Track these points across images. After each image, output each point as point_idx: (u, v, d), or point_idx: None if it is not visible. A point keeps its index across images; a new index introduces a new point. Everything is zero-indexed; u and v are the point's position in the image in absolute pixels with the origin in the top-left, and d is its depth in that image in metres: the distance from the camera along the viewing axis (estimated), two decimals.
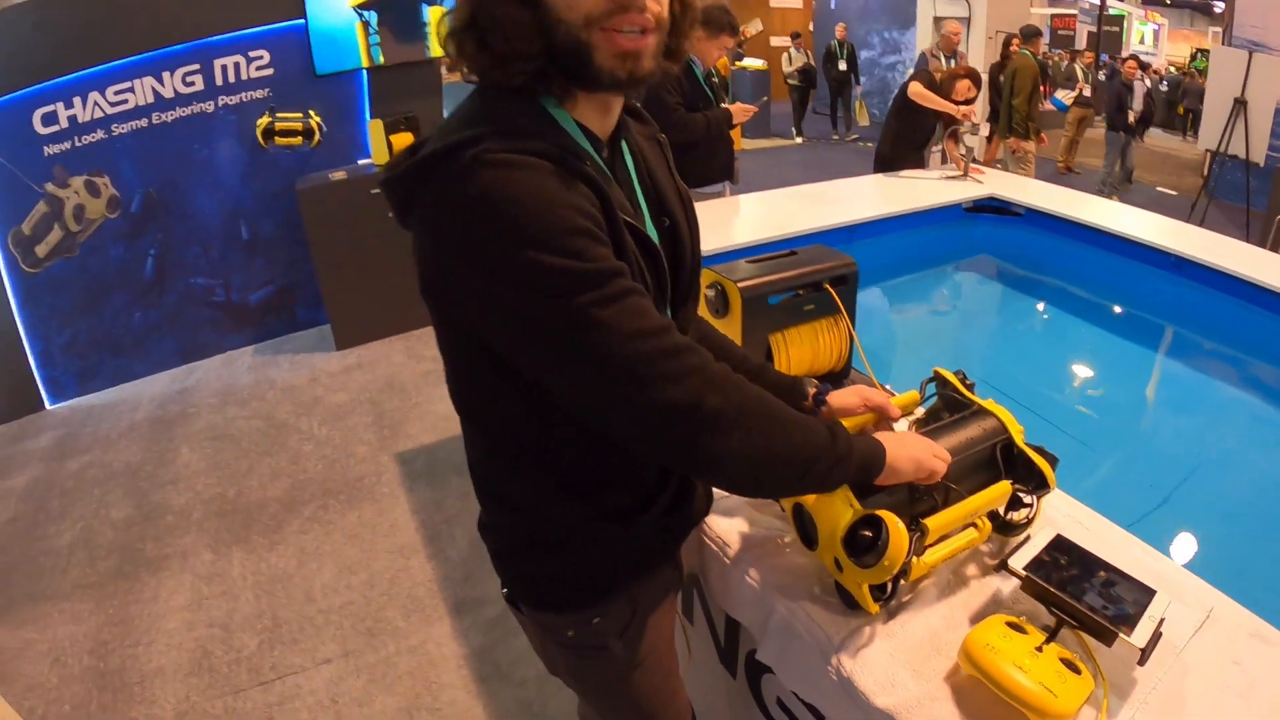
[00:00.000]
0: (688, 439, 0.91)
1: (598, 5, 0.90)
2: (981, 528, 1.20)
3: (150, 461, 3.91)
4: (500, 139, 0.88)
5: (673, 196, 1.16)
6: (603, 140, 1.04)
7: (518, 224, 0.85)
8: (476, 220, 0.86)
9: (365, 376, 4.61)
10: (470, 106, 0.97)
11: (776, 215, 3.80)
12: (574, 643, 1.21)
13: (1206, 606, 1.18)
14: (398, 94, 5.18)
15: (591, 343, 0.87)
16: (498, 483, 1.16)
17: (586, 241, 0.88)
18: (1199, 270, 3.21)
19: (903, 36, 12.47)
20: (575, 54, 0.92)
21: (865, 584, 1.10)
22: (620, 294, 0.88)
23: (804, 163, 10.66)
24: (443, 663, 2.56)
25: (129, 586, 3.03)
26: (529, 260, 0.84)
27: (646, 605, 1.23)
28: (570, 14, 0.90)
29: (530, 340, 0.90)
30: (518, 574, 1.20)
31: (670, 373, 0.89)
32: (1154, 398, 3.08)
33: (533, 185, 0.86)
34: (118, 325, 4.78)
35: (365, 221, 4.75)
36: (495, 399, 1.05)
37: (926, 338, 3.59)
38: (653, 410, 0.90)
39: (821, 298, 1.81)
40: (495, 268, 0.86)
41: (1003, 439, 1.28)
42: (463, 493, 3.41)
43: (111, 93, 4.43)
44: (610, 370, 0.88)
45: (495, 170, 0.86)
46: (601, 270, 0.88)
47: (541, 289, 0.86)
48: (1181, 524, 2.09)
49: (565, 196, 0.88)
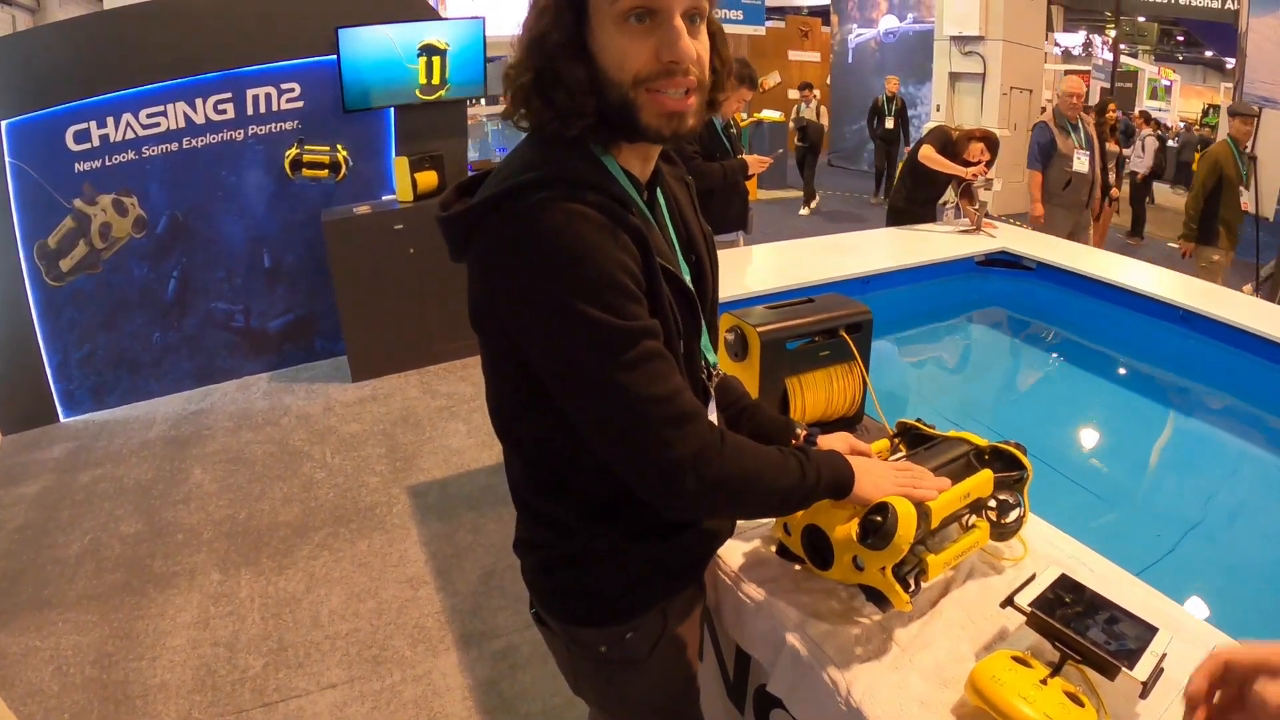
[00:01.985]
0: (673, 496, 1.01)
1: (645, 68, 0.99)
2: (980, 528, 1.29)
3: (162, 480, 3.94)
4: (563, 186, 0.96)
5: (698, 234, 1.24)
6: (643, 184, 1.13)
7: (570, 271, 0.94)
8: (535, 258, 0.95)
9: (380, 409, 4.64)
10: (530, 153, 1.05)
11: (790, 265, 3.85)
12: (606, 658, 1.25)
13: (1208, 645, 1.19)
14: (424, 132, 5.28)
15: (608, 397, 0.97)
16: (533, 501, 1.21)
17: (625, 300, 0.97)
18: (1207, 324, 3.25)
19: (919, 91, 12.62)
20: (623, 110, 1.01)
21: (888, 569, 1.15)
22: (645, 357, 0.98)
23: (820, 215, 10.73)
24: (448, 693, 2.56)
25: (135, 601, 3.06)
26: (574, 308, 0.94)
27: (676, 620, 1.27)
28: (620, 74, 0.99)
29: (558, 376, 1.01)
30: (552, 589, 1.24)
31: (670, 439, 0.98)
32: (1163, 450, 3.10)
33: (588, 236, 0.95)
34: (136, 344, 4.85)
35: (387, 256, 4.83)
36: (530, 422, 1.13)
37: (938, 387, 3.62)
38: (647, 467, 1.00)
39: (837, 344, 1.86)
40: (542, 306, 0.96)
41: (971, 449, 1.40)
42: (474, 527, 3.43)
43: (144, 115, 4.53)
44: (618, 425, 0.99)
45: (558, 216, 0.94)
46: (633, 330, 0.97)
47: (578, 336, 0.95)
48: (1187, 574, 2.11)
49: (614, 251, 0.97)
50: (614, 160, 1.08)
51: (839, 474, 1.15)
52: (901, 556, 1.14)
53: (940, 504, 1.19)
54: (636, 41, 0.98)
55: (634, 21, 0.97)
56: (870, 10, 13.97)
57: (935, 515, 1.18)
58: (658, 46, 0.98)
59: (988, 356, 4.12)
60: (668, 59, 0.98)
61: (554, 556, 1.22)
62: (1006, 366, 3.98)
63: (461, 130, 5.55)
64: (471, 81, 5.28)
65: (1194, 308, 3.31)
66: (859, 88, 13.91)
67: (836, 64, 15.04)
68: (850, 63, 14.57)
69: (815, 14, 16.33)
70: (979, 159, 4.54)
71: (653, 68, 0.99)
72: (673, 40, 0.98)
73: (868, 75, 13.79)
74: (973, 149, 4.55)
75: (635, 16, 0.97)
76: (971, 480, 1.27)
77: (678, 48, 0.98)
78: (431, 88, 5.07)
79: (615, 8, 0.97)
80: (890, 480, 1.19)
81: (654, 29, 0.98)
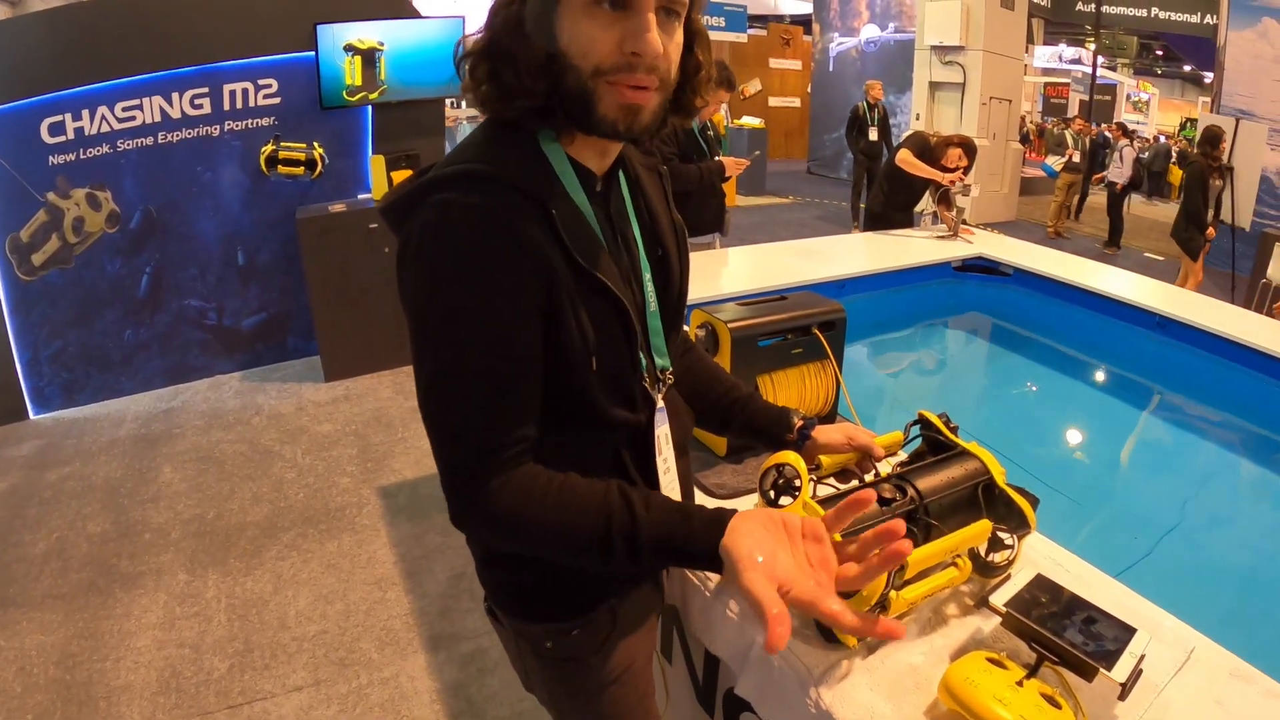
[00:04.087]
0: (459, 521, 1.01)
1: (608, 58, 0.93)
2: (962, 567, 1.20)
3: (131, 478, 3.88)
4: (468, 184, 0.95)
5: (666, 227, 1.19)
6: (598, 176, 1.08)
7: (454, 286, 0.93)
8: (427, 263, 0.94)
9: (352, 409, 4.60)
10: (471, 138, 1.03)
11: (766, 268, 3.84)
12: (551, 654, 1.21)
13: (1187, 647, 1.19)
14: (401, 131, 5.25)
15: (437, 419, 0.98)
16: None
17: (502, 324, 0.95)
18: (1183, 330, 3.26)
19: (899, 100, 12.67)
20: (580, 100, 0.95)
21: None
22: (481, 394, 0.96)
23: (797, 221, 10.76)
24: (415, 697, 2.53)
25: (101, 601, 3.00)
26: (448, 323, 0.94)
27: (627, 622, 1.23)
28: (582, 61, 0.94)
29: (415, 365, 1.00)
30: (499, 583, 1.20)
31: (465, 488, 0.97)
32: (1138, 454, 3.11)
33: (481, 250, 0.93)
34: (108, 341, 4.78)
35: (361, 255, 4.80)
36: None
37: (913, 390, 3.62)
38: (447, 492, 0.99)
39: (810, 342, 1.83)
40: (424, 313, 0.96)
41: (984, 479, 1.29)
42: (444, 529, 3.39)
43: (120, 108, 4.48)
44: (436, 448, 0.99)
45: (450, 226, 0.93)
46: (487, 367, 0.95)
47: (443, 347, 0.95)
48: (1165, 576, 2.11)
49: (507, 262, 0.94)
50: (562, 151, 1.03)
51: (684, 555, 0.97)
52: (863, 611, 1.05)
53: (919, 557, 1.10)
54: (603, 29, 0.92)
55: (606, 7, 0.92)
56: (852, 19, 14.03)
57: (911, 568, 1.10)
58: (623, 36, 0.92)
59: (964, 361, 4.13)
60: (630, 49, 0.92)
61: (496, 552, 1.18)
62: (983, 371, 3.99)
63: (439, 129, 5.52)
64: (444, 81, 5.23)
65: (1170, 313, 3.32)
66: (840, 96, 13.96)
67: (818, 72, 15.09)
68: (831, 71, 14.62)
69: (797, 22, 16.40)
70: (957, 165, 4.54)
71: (614, 59, 0.93)
72: (639, 31, 0.92)
73: (849, 84, 13.85)
74: (951, 155, 4.56)
75: (609, 1, 0.92)
76: (963, 534, 1.15)
77: (643, 40, 0.92)
78: (355, 89, 4.95)
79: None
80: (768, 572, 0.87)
81: (623, 18, 0.92)
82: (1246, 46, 8.65)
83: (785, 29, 16.11)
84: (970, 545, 1.20)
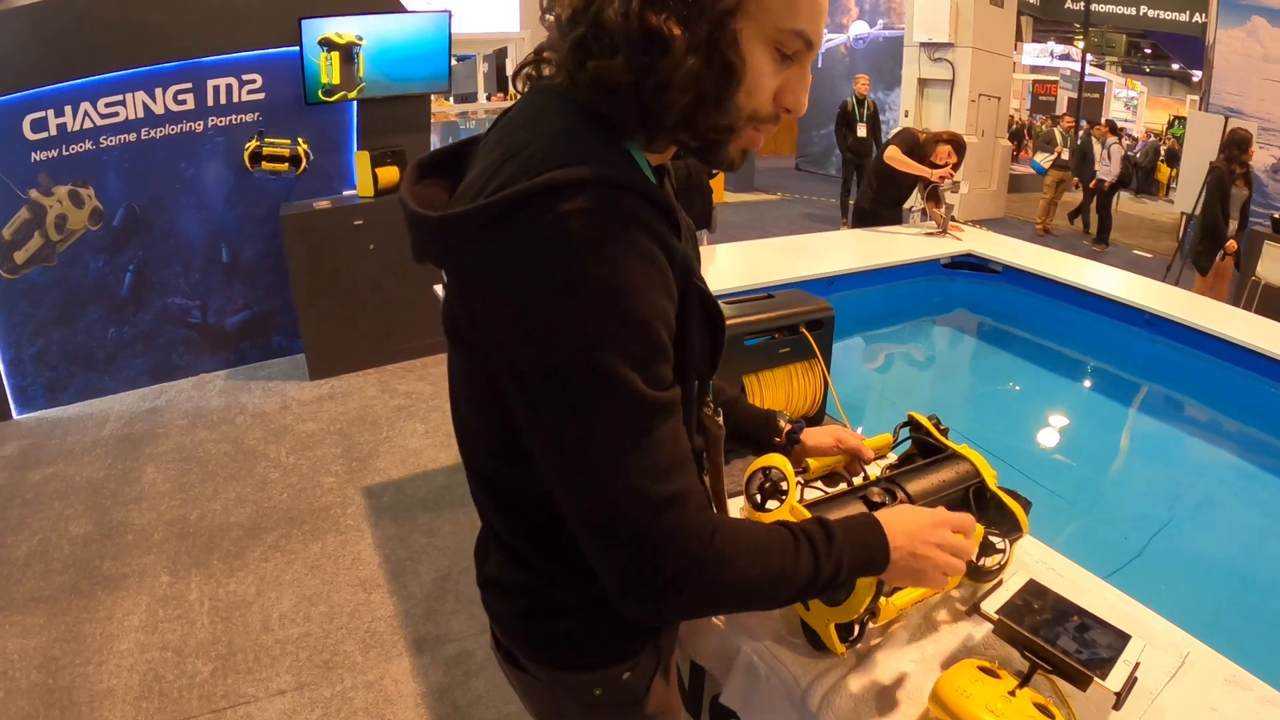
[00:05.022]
0: (641, 606, 0.83)
1: (765, 106, 0.85)
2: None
3: (114, 479, 3.84)
4: (602, 194, 0.76)
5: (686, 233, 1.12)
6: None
7: (603, 310, 0.75)
8: (560, 286, 0.75)
9: (337, 408, 4.56)
10: (550, 133, 0.83)
11: (754, 265, 3.82)
12: (601, 701, 1.09)
13: (1182, 652, 1.17)
14: (386, 127, 5.21)
15: (600, 476, 0.78)
16: (511, 541, 1.04)
17: (657, 359, 0.79)
18: (1172, 327, 3.25)
19: (888, 97, 12.66)
20: (720, 136, 0.85)
21: (832, 623, 1.08)
22: (659, 439, 0.79)
23: (786, 218, 10.74)
24: (399, 700, 2.50)
25: (83, 604, 2.96)
26: (597, 357, 0.75)
27: (666, 654, 1.15)
28: (746, 102, 0.83)
29: (547, 435, 0.81)
30: (542, 635, 1.07)
31: (660, 562, 0.80)
32: (1128, 452, 3.11)
33: (632, 266, 0.76)
34: (91, 339, 4.73)
35: (347, 252, 4.75)
36: (509, 473, 0.97)
37: (902, 388, 3.61)
38: (626, 575, 0.81)
39: (797, 341, 1.81)
40: (555, 345, 0.76)
41: (975, 482, 1.27)
42: (429, 529, 3.36)
43: (103, 104, 4.42)
44: (602, 513, 0.80)
45: (595, 238, 0.75)
46: (658, 403, 0.78)
47: (589, 393, 0.76)
48: (1156, 576, 2.10)
49: (656, 289, 0.78)
50: (644, 156, 0.88)
51: (870, 559, 0.95)
52: (852, 619, 1.05)
53: None
54: (773, 73, 0.83)
55: (782, 51, 0.82)
56: (841, 16, 14.03)
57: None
58: (784, 87, 0.84)
59: (953, 359, 4.12)
60: (787, 105, 0.84)
61: (537, 604, 1.05)
62: (972, 369, 3.98)
63: (425, 125, 5.47)
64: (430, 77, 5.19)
65: (1159, 311, 3.31)
66: (828, 93, 13.92)
67: None
68: (820, 67, 14.60)
69: None
70: (946, 161, 4.53)
71: (770, 110, 0.84)
72: (801, 88, 0.84)
73: (837, 80, 13.83)
74: (940, 151, 4.54)
75: (798, 44, 0.82)
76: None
77: (802, 99, 0.85)
78: (332, 88, 4.86)
79: (782, 24, 0.80)
80: (929, 555, 0.97)
81: (790, 66, 0.83)
82: (1236, 45, 8.68)
83: None
84: None
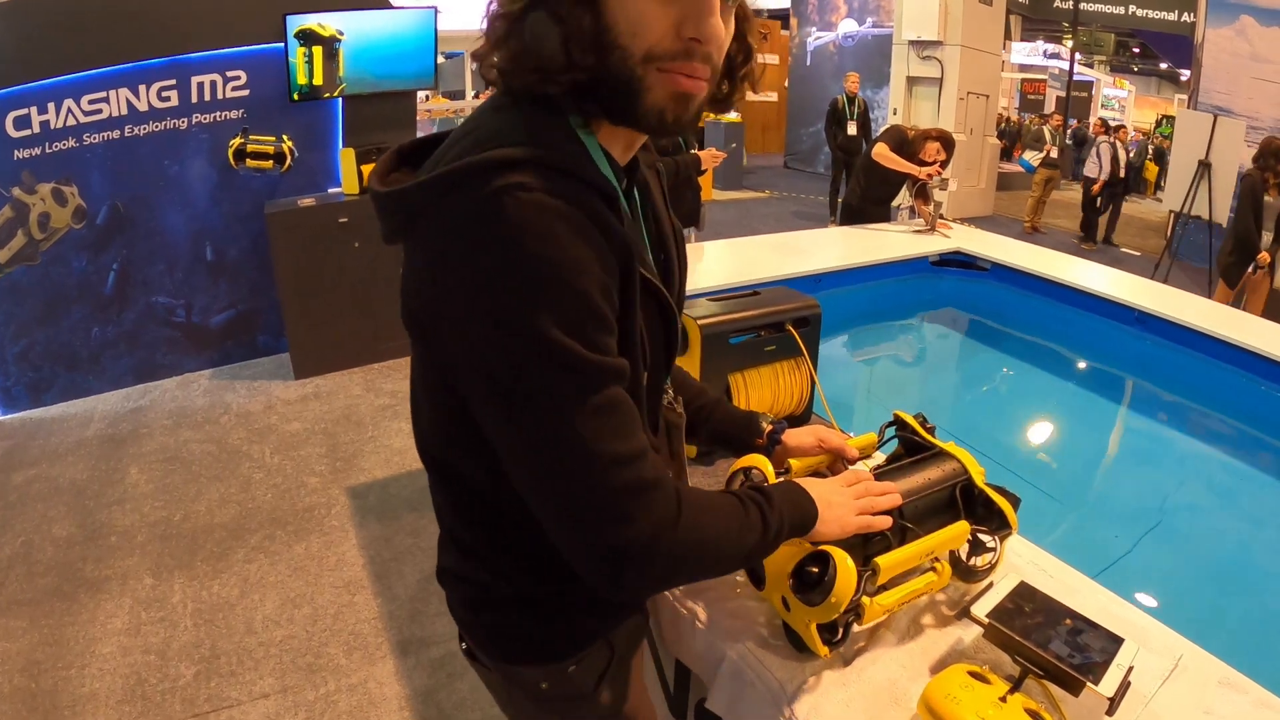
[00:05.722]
0: (624, 578, 0.83)
1: (663, 42, 0.82)
2: (941, 571, 1.16)
3: (98, 480, 3.80)
4: (542, 171, 0.78)
5: (668, 230, 1.10)
6: (622, 171, 0.96)
7: (538, 281, 0.76)
8: (496, 258, 0.77)
9: (322, 407, 4.52)
10: (500, 120, 0.87)
11: (742, 262, 3.82)
12: (548, 695, 1.11)
13: (1175, 654, 1.15)
14: (371, 124, 5.17)
15: (558, 446, 0.79)
16: (461, 532, 1.06)
17: (598, 329, 0.80)
18: (1162, 325, 3.25)
19: (876, 94, 12.67)
20: (624, 86, 0.84)
21: (813, 624, 1.06)
22: (611, 405, 0.81)
23: (775, 215, 10.73)
24: (384, 703, 2.47)
25: (66, 606, 2.93)
26: (536, 327, 0.76)
27: (623, 648, 1.15)
28: (632, 42, 0.82)
29: (496, 410, 0.82)
30: (487, 626, 1.10)
31: (627, 512, 0.81)
32: (1118, 450, 3.11)
33: (566, 241, 0.77)
34: (75, 339, 4.68)
35: (332, 250, 4.72)
36: (458, 455, 0.98)
37: (890, 386, 3.60)
38: (599, 547, 0.82)
39: (783, 339, 1.79)
40: (493, 317, 0.77)
41: (962, 480, 1.26)
42: (413, 530, 3.34)
43: (86, 101, 4.37)
44: (564, 485, 0.81)
45: (531, 210, 0.76)
46: (602, 368, 0.79)
47: (534, 362, 0.77)
48: (1147, 574, 2.09)
49: (593, 264, 0.79)
50: (596, 142, 0.89)
51: (802, 514, 1.02)
52: (832, 618, 1.03)
53: (892, 562, 1.07)
54: (660, 6, 0.81)
55: None
56: (830, 14, 14.03)
57: (884, 573, 1.07)
58: (682, 18, 0.82)
59: (941, 357, 4.12)
60: (690, 34, 0.82)
61: (482, 594, 1.07)
62: (960, 367, 3.98)
63: (410, 122, 5.44)
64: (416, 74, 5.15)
65: (1149, 309, 3.31)
66: (817, 90, 13.97)
67: (795, 67, 15.08)
68: (809, 65, 14.62)
69: (775, 17, 16.38)
70: (935, 159, 4.52)
71: (671, 44, 0.82)
72: (701, 12, 0.82)
73: (826, 78, 13.85)
74: (929, 149, 4.54)
75: None
76: (939, 536, 1.14)
77: (706, 24, 0.82)
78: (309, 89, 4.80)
79: None
80: (850, 511, 1.06)
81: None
82: (1224, 44, 8.73)
83: (763, 23, 16.07)
84: (948, 548, 1.17)
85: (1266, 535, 2.48)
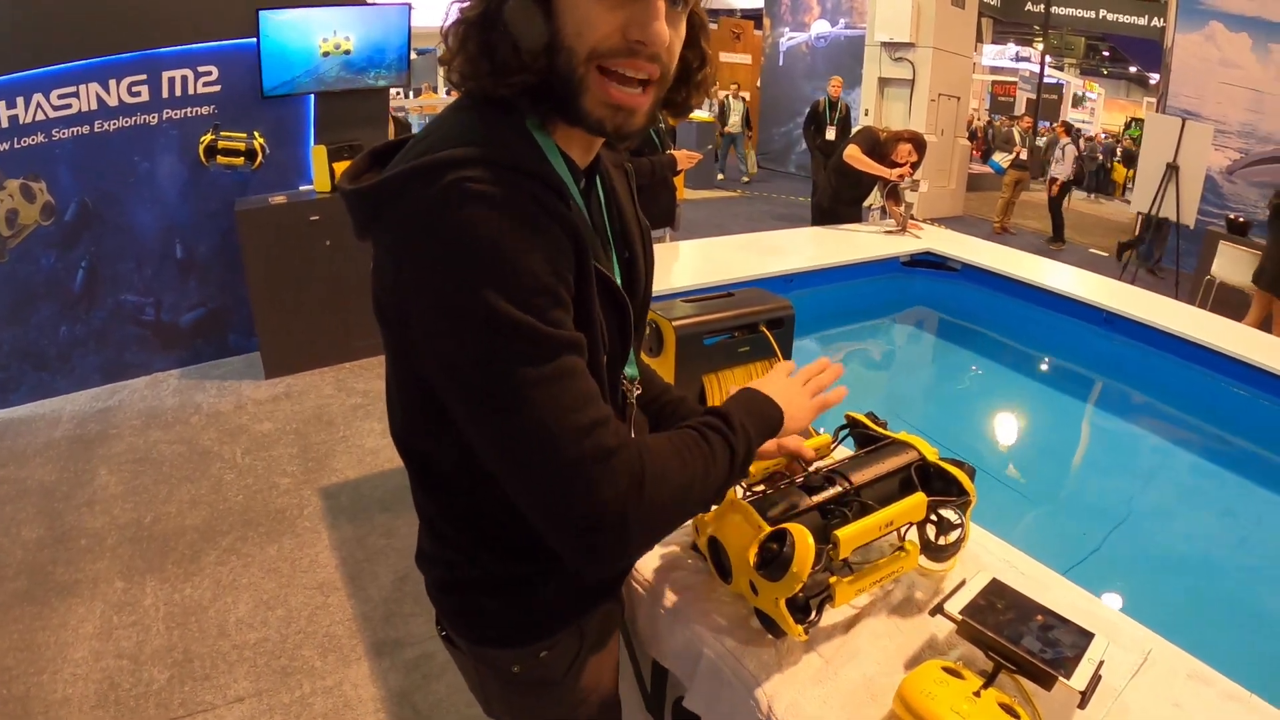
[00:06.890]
0: (599, 546, 0.85)
1: (607, 39, 0.85)
2: (911, 550, 1.19)
3: (66, 482, 3.75)
4: (492, 169, 0.82)
5: (634, 229, 1.13)
6: (582, 171, 1.00)
7: (489, 264, 0.80)
8: (449, 247, 0.80)
9: (293, 407, 4.49)
10: (459, 122, 0.91)
11: (715, 262, 3.83)
12: (519, 678, 1.14)
13: (1144, 649, 1.18)
14: (344, 121, 5.12)
15: (520, 415, 0.81)
16: (436, 519, 1.10)
17: (550, 302, 0.83)
18: (1130, 325, 3.29)
19: (848, 96, 12.73)
20: (565, 86, 0.88)
21: (780, 600, 1.07)
22: (567, 372, 0.83)
23: (747, 215, 10.76)
24: (360, 705, 2.46)
25: (36, 611, 2.89)
26: (488, 304, 0.79)
27: (594, 639, 1.18)
28: (578, 41, 0.86)
29: (459, 387, 0.85)
30: (460, 609, 1.13)
31: (594, 477, 0.82)
32: (1086, 448, 3.14)
33: (515, 230, 0.81)
34: (43, 338, 4.61)
35: (303, 248, 4.69)
36: (430, 445, 1.02)
37: (862, 386, 3.62)
38: (573, 519, 0.84)
39: (757, 340, 1.81)
40: (448, 299, 0.81)
41: (916, 460, 1.30)
42: (387, 530, 3.33)
43: (55, 96, 4.30)
44: (529, 453, 0.83)
45: (481, 204, 0.80)
46: (556, 340, 0.82)
47: (489, 337, 0.80)
48: (1115, 571, 2.13)
49: (540, 245, 0.83)
50: (552, 142, 0.94)
51: (767, 417, 1.06)
52: (795, 590, 1.04)
53: (852, 533, 1.09)
54: (608, 9, 0.84)
55: None
56: (802, 14, 14.08)
57: (845, 545, 1.08)
58: (627, 21, 0.85)
59: (912, 357, 4.16)
60: (635, 37, 0.85)
61: (453, 577, 1.11)
62: (931, 367, 4.01)
63: (383, 119, 5.40)
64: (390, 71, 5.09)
65: (1116, 309, 3.35)
66: (790, 91, 14.04)
67: (767, 67, 15.12)
68: (781, 65, 14.67)
69: (748, 16, 16.42)
70: (906, 160, 4.56)
71: (614, 43, 0.85)
72: (647, 18, 0.84)
73: (798, 79, 13.91)
74: (900, 150, 4.57)
75: None
76: (897, 507, 1.16)
77: (650, 29, 0.84)
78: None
79: None
80: (805, 396, 1.17)
81: (630, 2, 0.85)
82: (1193, 49, 8.86)
83: (736, 23, 16.11)
84: (907, 519, 1.19)
85: (1231, 530, 2.52)
